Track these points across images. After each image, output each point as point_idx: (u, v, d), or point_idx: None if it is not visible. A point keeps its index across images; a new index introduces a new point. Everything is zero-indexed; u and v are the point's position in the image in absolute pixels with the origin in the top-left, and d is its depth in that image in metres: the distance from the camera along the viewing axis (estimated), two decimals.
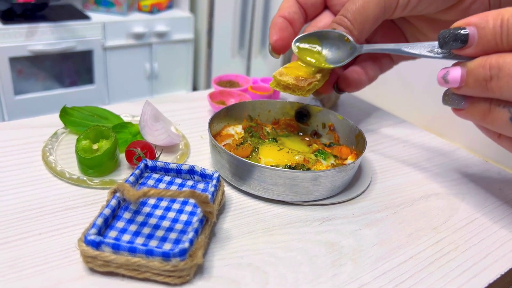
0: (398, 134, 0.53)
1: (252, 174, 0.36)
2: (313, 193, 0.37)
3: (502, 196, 0.42)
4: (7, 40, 1.59)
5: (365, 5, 0.41)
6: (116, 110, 0.49)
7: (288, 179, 0.36)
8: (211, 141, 0.39)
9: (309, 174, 0.36)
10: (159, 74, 2.06)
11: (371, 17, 0.42)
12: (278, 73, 0.43)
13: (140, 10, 1.98)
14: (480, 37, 0.30)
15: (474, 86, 0.31)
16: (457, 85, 0.32)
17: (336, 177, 0.37)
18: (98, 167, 0.38)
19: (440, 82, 0.33)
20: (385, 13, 0.42)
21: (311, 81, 0.42)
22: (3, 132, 0.45)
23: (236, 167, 0.37)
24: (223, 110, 0.44)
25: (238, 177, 0.38)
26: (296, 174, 0.35)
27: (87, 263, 0.29)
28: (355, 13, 0.42)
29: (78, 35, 1.73)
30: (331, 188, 0.38)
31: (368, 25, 0.42)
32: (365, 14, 0.42)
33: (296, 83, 0.41)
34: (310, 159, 0.40)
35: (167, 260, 0.27)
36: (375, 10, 0.41)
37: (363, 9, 0.42)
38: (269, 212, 0.37)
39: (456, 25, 0.31)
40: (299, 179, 0.36)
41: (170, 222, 0.32)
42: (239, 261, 0.31)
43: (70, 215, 0.34)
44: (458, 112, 0.34)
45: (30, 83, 1.76)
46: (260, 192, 0.37)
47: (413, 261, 0.33)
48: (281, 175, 0.35)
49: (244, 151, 0.39)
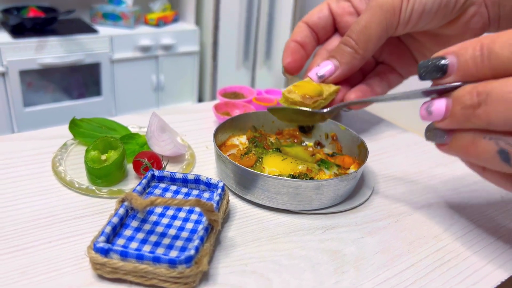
0: (400, 144, 0.54)
1: (256, 184, 0.37)
2: (316, 201, 0.38)
3: (503, 205, 0.42)
4: (18, 54, 1.62)
5: (368, 25, 0.44)
6: (123, 121, 0.50)
7: (292, 188, 0.36)
8: (216, 151, 0.40)
9: (312, 183, 0.36)
10: (165, 86, 2.08)
11: (374, 36, 0.44)
12: (287, 90, 0.45)
13: (146, 23, 2.01)
14: (460, 64, 0.29)
15: (460, 115, 0.29)
16: (441, 117, 0.30)
17: (338, 186, 0.38)
18: (106, 177, 0.39)
19: (423, 114, 0.32)
20: (387, 32, 0.44)
21: (316, 99, 0.44)
22: (14, 143, 0.46)
23: (241, 177, 0.38)
24: (228, 121, 0.46)
25: (242, 187, 0.39)
26: (299, 183, 0.36)
27: (96, 270, 0.29)
28: (359, 33, 0.44)
29: (86, 48, 1.77)
30: (334, 197, 0.39)
31: (371, 43, 0.45)
32: (368, 33, 0.44)
33: (302, 100, 0.44)
34: (313, 168, 0.41)
35: (174, 267, 0.28)
36: (377, 29, 0.43)
37: (366, 29, 0.44)
38: (273, 221, 0.37)
39: (435, 55, 0.30)
40: (302, 188, 0.36)
41: (176, 230, 0.33)
42: (243, 268, 0.32)
43: (80, 223, 0.35)
44: (441, 147, 0.32)
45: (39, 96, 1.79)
46: (264, 201, 0.38)
47: (415, 268, 0.33)
48: (284, 184, 0.36)
49: (249, 161, 0.40)
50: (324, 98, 0.46)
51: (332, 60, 0.47)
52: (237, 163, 0.38)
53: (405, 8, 0.42)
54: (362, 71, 0.52)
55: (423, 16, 0.43)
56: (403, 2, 0.42)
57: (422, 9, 0.42)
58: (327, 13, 0.51)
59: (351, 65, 0.46)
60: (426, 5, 0.42)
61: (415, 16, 0.43)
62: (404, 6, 0.42)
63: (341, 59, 0.46)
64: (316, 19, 0.51)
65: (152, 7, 2.05)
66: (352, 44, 0.45)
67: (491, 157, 0.28)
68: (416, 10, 0.42)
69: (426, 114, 0.31)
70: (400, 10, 0.43)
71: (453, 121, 0.29)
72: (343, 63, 0.46)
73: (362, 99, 0.42)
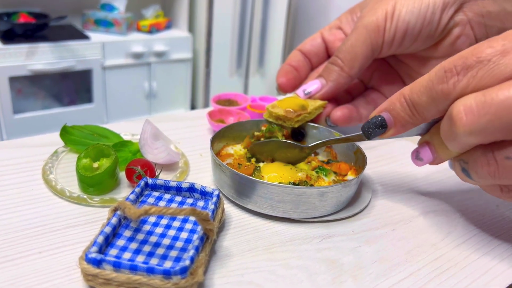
0: (396, 152, 0.54)
1: (258, 192, 0.37)
2: (319, 209, 0.37)
3: (499, 213, 0.42)
4: (7, 60, 1.61)
5: (353, 44, 0.46)
6: (116, 128, 0.49)
7: (296, 195, 0.36)
8: (215, 161, 0.39)
9: (317, 190, 0.36)
10: (157, 93, 2.07)
11: (360, 55, 0.46)
12: (271, 105, 0.47)
13: (139, 30, 2.01)
14: (395, 116, 0.34)
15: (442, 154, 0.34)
16: (432, 159, 0.35)
17: (341, 192, 0.37)
18: (98, 185, 0.39)
19: (416, 163, 0.36)
20: (373, 51, 0.46)
21: (300, 113, 0.46)
22: (3, 151, 0.45)
23: (242, 185, 0.37)
24: (223, 129, 0.45)
25: (243, 195, 0.38)
26: (303, 190, 0.36)
27: (88, 281, 0.29)
28: (345, 52, 0.46)
29: (77, 55, 1.75)
30: (337, 204, 0.38)
31: (358, 62, 0.46)
32: (354, 52, 0.46)
33: (285, 114, 0.46)
34: (312, 176, 0.41)
35: (168, 278, 0.28)
36: (362, 48, 0.45)
37: (352, 47, 0.46)
38: (269, 230, 0.37)
39: (372, 115, 0.35)
40: (306, 195, 0.36)
41: (171, 240, 0.32)
42: (239, 279, 0.31)
43: (71, 233, 0.34)
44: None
45: (29, 102, 1.77)
46: (267, 210, 0.37)
47: (413, 278, 0.33)
48: (288, 191, 0.36)
49: (247, 170, 0.40)
50: (308, 112, 0.47)
51: (319, 79, 0.49)
52: (238, 172, 0.37)
53: (389, 27, 0.44)
54: (351, 95, 0.54)
55: (407, 35, 0.44)
56: (386, 21, 0.44)
57: (406, 28, 0.44)
58: (319, 41, 0.53)
59: (337, 82, 0.48)
60: (409, 24, 0.44)
61: (399, 35, 0.44)
62: (388, 25, 0.44)
63: (328, 77, 0.48)
64: (309, 46, 0.53)
65: (144, 14, 2.04)
66: (339, 63, 0.47)
67: (461, 176, 0.33)
68: (399, 29, 0.44)
69: (419, 162, 0.36)
70: (384, 29, 0.44)
71: (438, 160, 0.35)
72: (329, 80, 0.48)
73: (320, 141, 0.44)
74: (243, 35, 2.15)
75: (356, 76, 0.47)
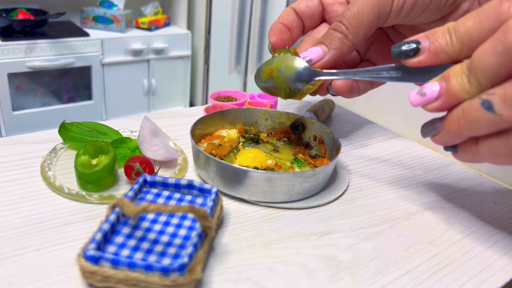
0: (392, 149, 0.54)
1: (213, 169, 0.39)
2: (269, 194, 0.39)
3: (496, 210, 0.42)
4: (6, 56, 1.60)
5: (360, 10, 0.43)
6: (114, 125, 0.49)
7: (244, 177, 0.38)
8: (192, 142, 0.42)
9: (263, 174, 0.37)
10: (156, 90, 2.07)
11: (366, 22, 0.43)
12: None
13: (138, 27, 2.00)
14: (431, 42, 0.33)
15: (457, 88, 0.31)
16: (434, 97, 0.32)
17: (292, 182, 0.38)
18: (97, 182, 0.39)
19: (415, 99, 0.33)
20: (379, 19, 0.43)
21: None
22: (2, 147, 0.45)
23: (202, 160, 0.40)
24: (217, 113, 0.48)
25: (204, 171, 0.41)
26: (251, 173, 0.37)
27: (86, 278, 0.29)
28: (350, 18, 0.43)
29: (76, 52, 1.75)
30: (289, 192, 0.39)
31: (362, 30, 0.43)
32: (359, 19, 0.43)
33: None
34: (283, 165, 0.42)
35: (167, 275, 0.28)
36: (369, 15, 0.42)
37: (358, 14, 0.43)
38: (267, 227, 0.37)
39: (407, 40, 0.34)
40: (253, 178, 0.37)
41: (169, 237, 0.32)
42: (238, 276, 0.31)
43: (69, 230, 0.34)
44: (435, 137, 0.33)
45: (28, 99, 1.76)
46: (221, 188, 0.40)
47: (411, 275, 0.33)
48: (236, 172, 0.38)
49: (222, 150, 0.43)
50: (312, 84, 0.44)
51: (321, 46, 0.45)
52: (197, 145, 0.40)
53: None
54: (347, 66, 0.51)
55: (416, 5, 0.42)
56: None
57: None
58: (316, 2, 0.50)
59: (340, 51, 0.45)
60: None
61: (408, 4, 0.42)
62: None
63: (330, 45, 0.45)
64: (304, 6, 0.49)
65: (143, 11, 2.04)
66: (343, 29, 0.44)
67: (477, 114, 0.30)
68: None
69: (419, 97, 0.33)
70: None
71: (449, 97, 0.31)
72: (332, 48, 0.45)
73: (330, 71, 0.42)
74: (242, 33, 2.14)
75: (359, 45, 0.45)
